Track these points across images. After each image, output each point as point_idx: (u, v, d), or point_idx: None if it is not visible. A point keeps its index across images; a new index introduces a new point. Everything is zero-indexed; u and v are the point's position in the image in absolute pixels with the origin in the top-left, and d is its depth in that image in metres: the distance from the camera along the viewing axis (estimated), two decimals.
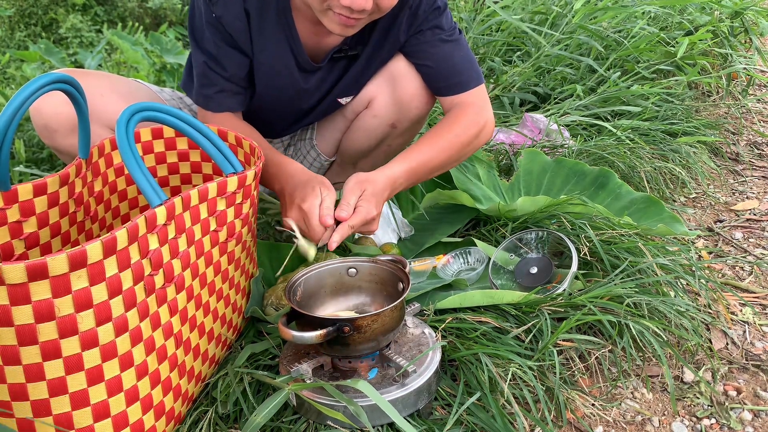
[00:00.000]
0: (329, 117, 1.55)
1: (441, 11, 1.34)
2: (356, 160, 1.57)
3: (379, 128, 1.46)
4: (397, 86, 1.40)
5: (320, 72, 1.38)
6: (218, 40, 1.26)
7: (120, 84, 1.36)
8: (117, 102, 1.29)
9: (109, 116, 1.26)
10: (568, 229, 1.38)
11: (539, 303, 1.17)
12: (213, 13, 1.24)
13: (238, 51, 1.28)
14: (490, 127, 1.39)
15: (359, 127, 1.49)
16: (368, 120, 1.46)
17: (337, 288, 1.12)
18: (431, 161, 1.29)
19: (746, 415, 1.07)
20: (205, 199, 0.94)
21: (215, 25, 1.25)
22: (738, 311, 1.34)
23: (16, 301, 0.71)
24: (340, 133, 1.55)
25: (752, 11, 2.84)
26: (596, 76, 2.49)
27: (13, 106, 0.81)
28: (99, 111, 1.24)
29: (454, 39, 1.36)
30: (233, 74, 1.30)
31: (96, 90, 1.26)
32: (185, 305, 0.93)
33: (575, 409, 1.06)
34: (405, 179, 1.26)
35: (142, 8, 4.83)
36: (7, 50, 4.00)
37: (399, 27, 1.34)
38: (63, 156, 1.33)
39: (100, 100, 1.26)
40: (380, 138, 1.48)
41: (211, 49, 1.27)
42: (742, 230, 1.73)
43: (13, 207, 0.95)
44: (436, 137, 1.31)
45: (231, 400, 1.00)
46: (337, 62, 1.38)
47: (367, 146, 1.51)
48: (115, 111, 1.26)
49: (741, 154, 2.24)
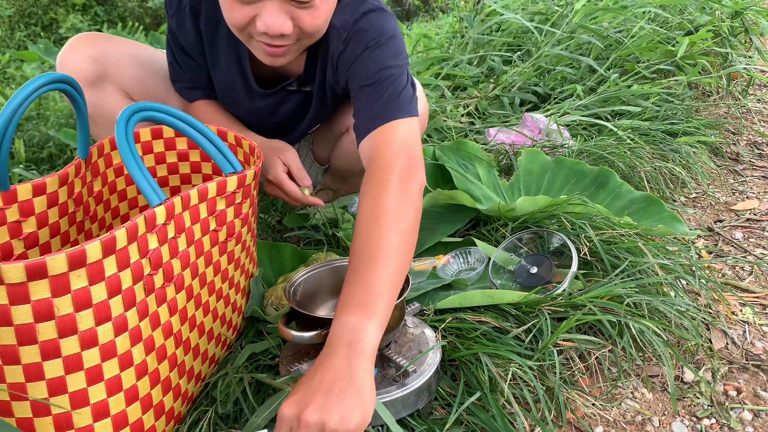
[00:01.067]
0: (321, 130, 1.54)
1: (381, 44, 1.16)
2: (345, 176, 1.57)
3: (358, 153, 1.43)
4: None
5: (272, 98, 1.33)
6: (177, 49, 1.31)
7: (142, 52, 1.39)
8: (134, 68, 1.33)
9: (125, 81, 1.32)
10: (568, 229, 1.38)
11: (539, 303, 1.17)
12: (170, 25, 1.29)
13: (194, 61, 1.32)
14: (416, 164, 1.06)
15: (341, 150, 1.49)
16: (348, 145, 1.45)
17: (337, 288, 1.12)
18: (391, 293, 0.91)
19: (746, 415, 1.07)
20: (205, 198, 0.94)
21: (172, 35, 1.30)
22: (738, 311, 1.34)
23: (15, 300, 0.71)
24: (331, 145, 1.55)
25: (752, 11, 2.84)
26: (596, 75, 2.49)
27: (12, 106, 0.81)
28: (115, 74, 1.30)
29: (380, 45, 1.16)
30: (196, 77, 1.35)
31: (116, 54, 1.31)
32: (185, 305, 0.93)
33: (575, 409, 1.06)
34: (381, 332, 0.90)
35: (142, 8, 4.83)
36: (7, 50, 3.99)
37: (332, 67, 1.23)
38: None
39: (118, 63, 1.31)
40: None
41: (171, 58, 1.34)
42: (742, 230, 1.73)
43: (13, 207, 0.94)
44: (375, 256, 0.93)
45: (231, 399, 1.00)
46: (291, 93, 1.34)
47: (353, 168, 1.51)
48: (132, 77, 1.33)
49: (741, 154, 2.24)
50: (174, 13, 1.24)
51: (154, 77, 1.37)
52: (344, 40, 1.18)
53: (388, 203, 0.97)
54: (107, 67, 1.29)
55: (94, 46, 1.28)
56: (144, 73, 1.35)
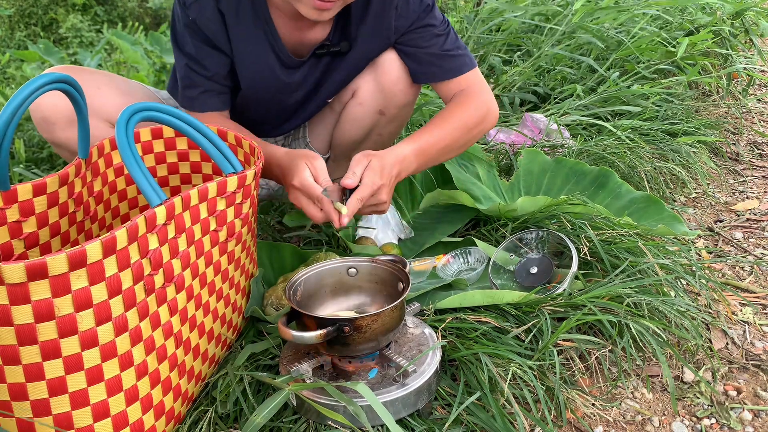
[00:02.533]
0: (318, 114, 1.55)
1: (431, 8, 1.35)
2: (349, 152, 1.56)
3: (366, 116, 1.45)
4: (379, 73, 1.40)
5: (303, 67, 1.38)
6: (197, 42, 1.28)
7: (117, 80, 1.38)
8: (114, 96, 1.31)
9: (107, 109, 1.28)
10: (568, 229, 1.38)
11: (539, 303, 1.17)
12: (189, 17, 1.26)
13: (217, 51, 1.30)
14: (494, 112, 1.40)
15: (347, 117, 1.49)
16: (355, 109, 1.45)
17: (337, 288, 1.12)
18: (439, 143, 1.30)
19: (746, 415, 1.07)
20: (205, 198, 0.94)
21: (192, 27, 1.27)
22: (738, 311, 1.34)
23: (15, 300, 0.71)
24: (331, 126, 1.55)
25: (753, 11, 2.84)
26: (596, 75, 2.49)
27: (12, 106, 0.81)
28: (96, 105, 1.26)
29: (446, 32, 1.38)
30: (215, 73, 1.31)
31: (93, 83, 1.28)
32: (185, 305, 0.93)
33: (575, 408, 1.06)
34: (414, 158, 1.26)
35: (142, 8, 4.83)
36: (7, 50, 4.00)
37: (389, 27, 1.34)
38: (61, 151, 1.33)
39: (97, 92, 1.28)
40: (369, 126, 1.48)
41: (192, 51, 1.29)
42: (742, 230, 1.73)
43: (13, 207, 0.94)
44: (443, 121, 1.32)
45: (231, 399, 1.00)
46: (320, 58, 1.38)
47: (358, 136, 1.50)
48: (112, 104, 1.29)
49: (741, 154, 2.24)
50: (192, 1, 1.24)
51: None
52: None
53: (466, 109, 1.35)
54: (88, 99, 1.25)
55: None
56: (125, 100, 1.32)
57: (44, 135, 1.30)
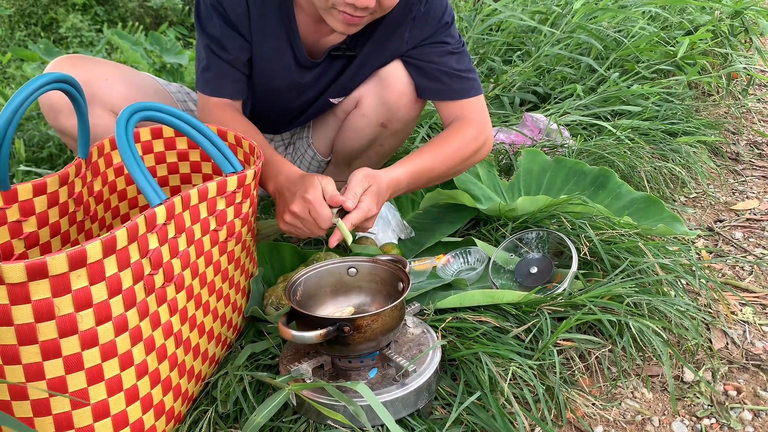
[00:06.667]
0: (322, 116, 1.55)
1: (449, 26, 1.36)
2: (350, 160, 1.57)
3: (368, 128, 1.46)
4: (384, 86, 1.40)
5: (317, 69, 1.39)
6: (222, 23, 1.29)
7: (126, 71, 1.39)
8: (120, 87, 1.33)
9: (112, 100, 1.31)
10: (568, 228, 1.38)
11: (539, 303, 1.17)
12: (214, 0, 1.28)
13: (239, 35, 1.31)
14: (490, 144, 1.41)
15: (349, 126, 1.50)
16: (357, 119, 1.46)
17: (337, 288, 1.12)
18: (432, 170, 1.31)
19: (746, 414, 1.07)
20: (205, 198, 0.94)
21: (218, 8, 1.28)
22: (738, 311, 1.34)
23: (15, 300, 0.71)
24: (333, 131, 1.56)
25: (752, 11, 2.84)
26: (596, 75, 2.49)
27: (12, 106, 0.81)
28: (103, 95, 1.30)
29: (459, 52, 1.38)
30: (235, 57, 1.32)
31: (100, 74, 1.31)
32: (185, 305, 0.93)
33: (575, 408, 1.06)
34: (406, 183, 1.27)
35: (142, 8, 4.83)
36: (7, 50, 4.00)
37: (402, 36, 1.35)
38: (66, 138, 1.36)
39: (104, 83, 1.30)
40: (371, 138, 1.48)
41: (215, 32, 1.30)
42: (742, 230, 1.73)
43: (13, 206, 0.94)
44: (438, 147, 1.33)
45: (231, 399, 1.00)
46: (334, 60, 1.38)
47: (359, 146, 1.51)
48: (117, 95, 1.32)
49: (741, 153, 2.24)
50: None
51: (142, 96, 1.37)
52: (425, 3, 1.34)
53: (463, 138, 1.34)
54: (94, 89, 1.29)
55: (75, 67, 1.28)
56: (131, 92, 1.34)
57: (50, 122, 1.34)
